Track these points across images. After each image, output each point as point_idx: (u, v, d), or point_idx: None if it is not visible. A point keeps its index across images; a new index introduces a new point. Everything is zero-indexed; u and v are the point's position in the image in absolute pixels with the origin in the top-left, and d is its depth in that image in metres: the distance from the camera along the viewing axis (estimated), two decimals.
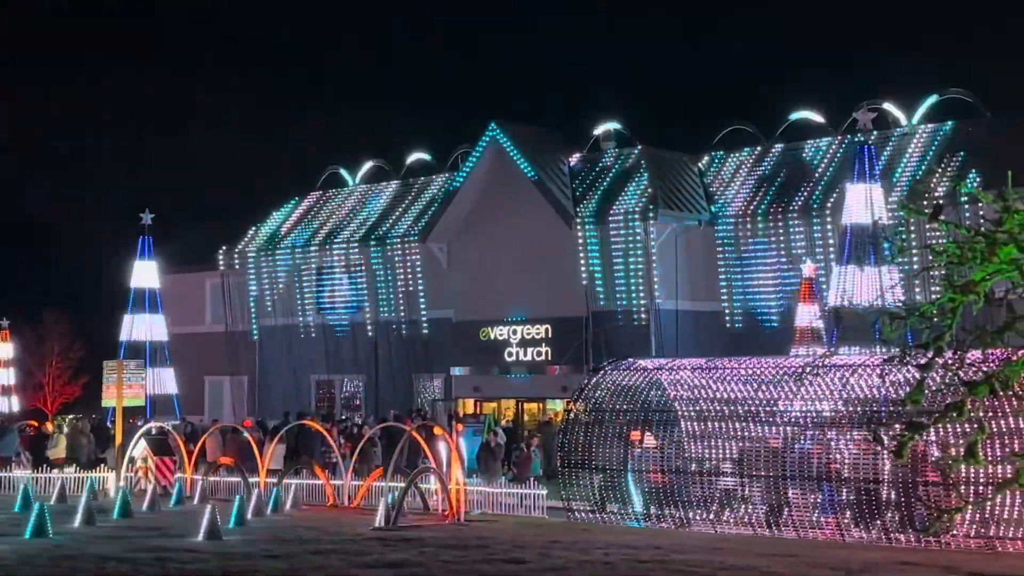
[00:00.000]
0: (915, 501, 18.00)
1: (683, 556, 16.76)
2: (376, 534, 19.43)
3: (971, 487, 17.21)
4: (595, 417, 22.65)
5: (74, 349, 54.58)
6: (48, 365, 54.40)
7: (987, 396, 12.02)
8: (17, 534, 18.38)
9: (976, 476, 17.25)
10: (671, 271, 33.14)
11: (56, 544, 17.76)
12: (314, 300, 39.48)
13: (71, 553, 16.78)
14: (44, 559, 16.14)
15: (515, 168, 35.04)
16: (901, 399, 14.28)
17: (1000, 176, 12.63)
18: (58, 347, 54.73)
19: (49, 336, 54.49)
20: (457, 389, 36.64)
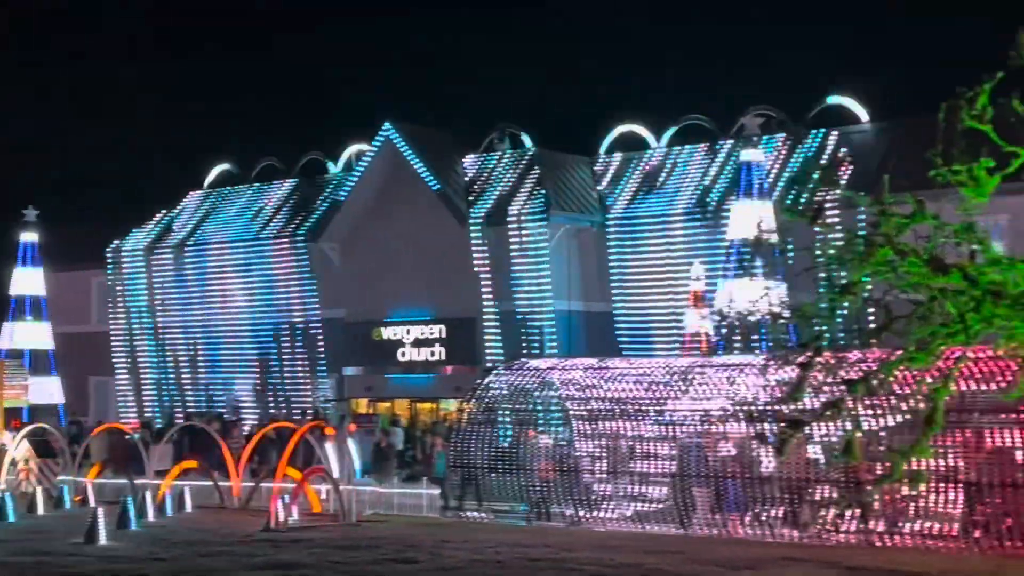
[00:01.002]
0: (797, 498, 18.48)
1: (573, 554, 16.93)
2: (266, 535, 19.25)
3: (851, 484, 17.73)
4: (487, 417, 22.75)
5: None
6: None
7: (864, 394, 12.41)
8: None
9: (856, 473, 17.77)
10: (564, 272, 33.40)
11: None
12: (203, 299, 38.91)
13: None
14: None
15: (409, 168, 34.98)
16: (781, 398, 14.66)
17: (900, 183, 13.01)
18: None
19: None
20: (350, 389, 36.45)
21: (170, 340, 39.53)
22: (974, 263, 11.80)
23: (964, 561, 16.31)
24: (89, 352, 40.35)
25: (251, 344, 37.88)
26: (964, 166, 12.11)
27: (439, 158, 35.62)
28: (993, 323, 11.63)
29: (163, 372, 39.59)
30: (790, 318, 11.75)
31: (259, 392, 37.58)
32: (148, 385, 39.88)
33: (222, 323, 38.47)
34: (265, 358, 37.56)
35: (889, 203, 12.15)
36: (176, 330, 39.39)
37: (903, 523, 17.86)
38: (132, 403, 39.98)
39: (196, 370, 38.90)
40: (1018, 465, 17.06)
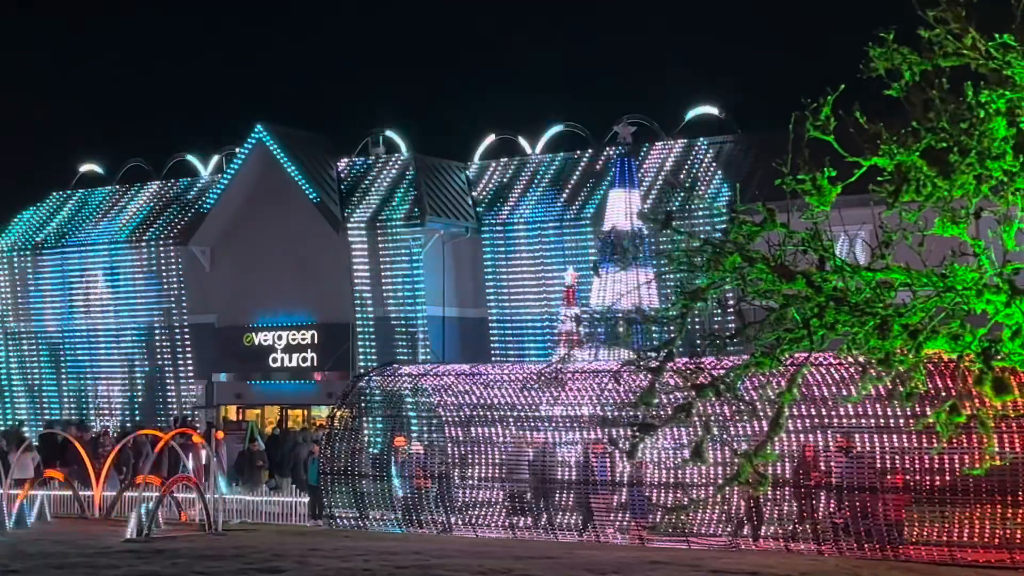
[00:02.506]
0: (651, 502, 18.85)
1: (443, 560, 16.86)
2: (127, 546, 18.76)
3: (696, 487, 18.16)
4: (358, 423, 22.59)
5: None
6: None
7: (712, 399, 12.66)
8: None
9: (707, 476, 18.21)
10: (438, 277, 33.32)
11: None
12: (66, 303, 37.78)
13: None
14: None
15: (282, 171, 34.50)
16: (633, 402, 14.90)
17: (750, 192, 13.29)
18: None
19: None
20: (219, 396, 35.78)
21: (30, 345, 38.29)
22: (820, 271, 12.13)
23: (824, 563, 16.71)
24: None
25: (117, 349, 36.93)
26: (808, 175, 12.46)
27: (312, 161, 35.22)
28: (836, 329, 11.95)
29: (23, 378, 38.34)
30: (642, 321, 11.92)
31: (126, 399, 36.64)
32: (10, 391, 38.57)
33: (86, 327, 37.42)
34: (131, 363, 36.66)
35: (740, 211, 12.42)
36: (40, 335, 38.18)
37: (766, 527, 18.30)
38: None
39: (58, 376, 37.75)
40: (876, 469, 17.59)
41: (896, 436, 17.45)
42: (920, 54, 12.57)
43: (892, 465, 17.60)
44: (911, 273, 12.20)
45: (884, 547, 17.02)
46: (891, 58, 12.53)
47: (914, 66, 12.50)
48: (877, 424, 17.63)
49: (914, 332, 11.58)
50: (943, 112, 12.33)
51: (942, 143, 12.23)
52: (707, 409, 15.21)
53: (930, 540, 16.97)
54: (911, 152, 12.27)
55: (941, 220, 12.56)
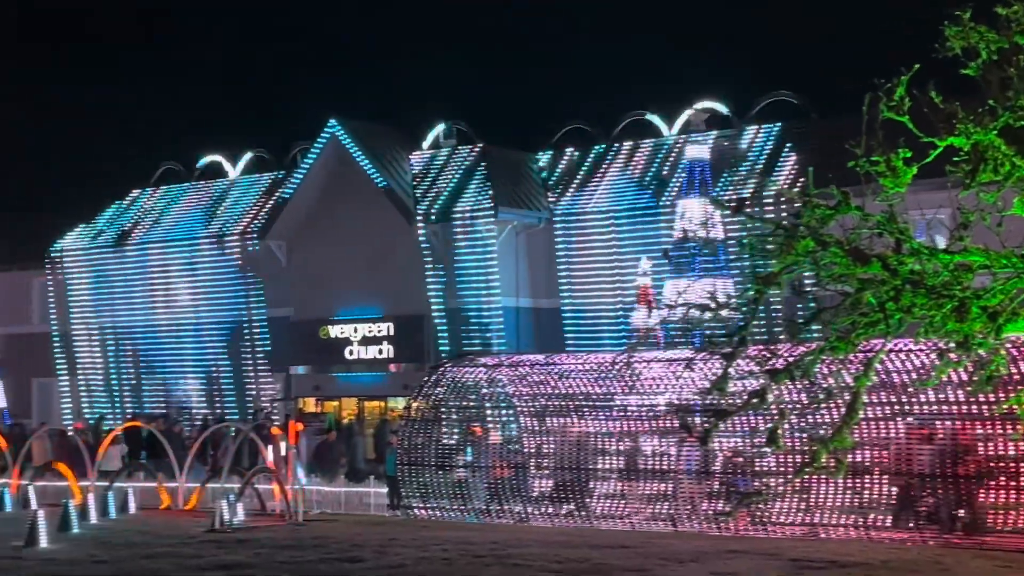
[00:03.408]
0: None
1: (520, 550, 16.93)
2: (210, 536, 19.08)
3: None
4: (435, 414, 22.72)
5: None
6: None
7: (787, 384, 12.55)
8: None
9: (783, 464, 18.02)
10: (511, 268, 33.41)
11: None
12: (147, 299, 38.46)
13: None
14: None
15: (355, 165, 34.81)
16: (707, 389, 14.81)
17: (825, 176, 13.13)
18: None
19: None
20: (297, 388, 36.22)
21: (113, 340, 39.06)
22: (896, 254, 11.96)
23: (906, 552, 16.50)
24: (31, 353, 39.79)
25: (197, 344, 37.53)
26: (882, 157, 12.28)
27: (385, 155, 35.47)
28: (913, 312, 11.78)
29: (107, 373, 39.13)
30: (716, 308, 11.82)
31: (206, 392, 37.25)
32: (91, 386, 39.40)
33: (167, 323, 38.08)
34: (211, 358, 37.24)
35: (813, 195, 12.28)
36: (120, 330, 38.94)
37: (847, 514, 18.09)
38: (75, 404, 39.48)
39: (141, 370, 38.48)
40: (955, 457, 17.30)
41: (979, 423, 17.16)
42: (997, 32, 12.35)
43: (974, 452, 17.29)
44: (990, 254, 11.99)
45: (967, 535, 16.77)
46: (967, 36, 12.32)
47: (991, 44, 12.28)
48: (959, 411, 17.34)
49: (993, 314, 11.39)
50: (1021, 90, 12.09)
51: (1020, 121, 12.00)
52: (784, 395, 15.06)
53: (1016, 528, 16.67)
54: (988, 131, 12.06)
55: (1020, 200, 12.33)
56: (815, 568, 15.10)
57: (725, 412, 12.62)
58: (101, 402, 39.00)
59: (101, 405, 38.77)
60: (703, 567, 15.36)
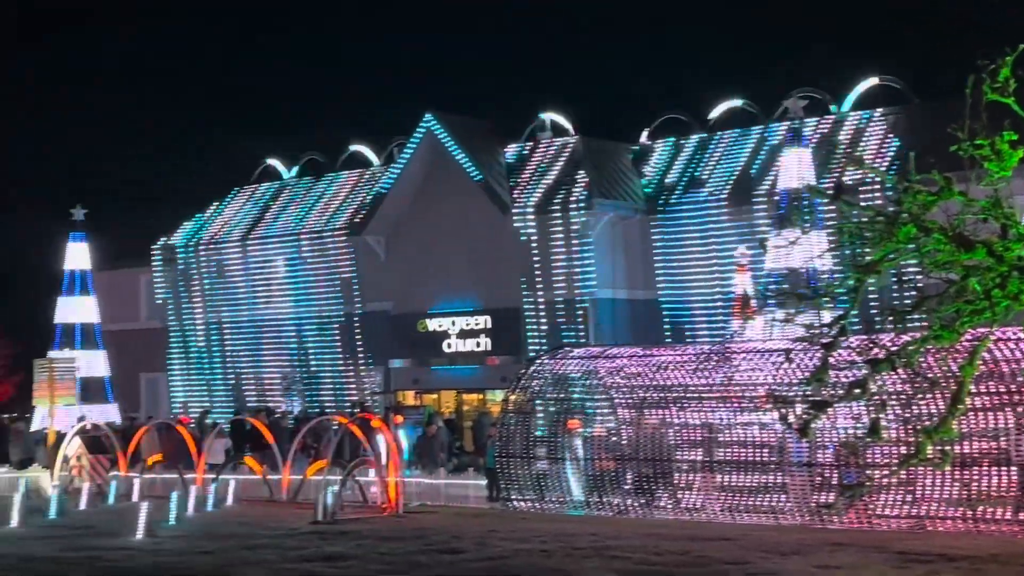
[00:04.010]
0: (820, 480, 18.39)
1: (619, 542, 16.84)
2: (313, 528, 19.32)
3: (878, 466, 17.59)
4: (532, 407, 22.71)
5: (4, 346, 53.63)
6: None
7: (888, 374, 12.25)
8: None
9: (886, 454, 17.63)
10: (607, 260, 33.28)
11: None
12: (250, 294, 39.12)
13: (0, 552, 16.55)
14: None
15: (451, 159, 34.98)
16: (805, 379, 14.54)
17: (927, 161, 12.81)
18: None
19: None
20: (396, 382, 36.53)
21: (218, 335, 39.81)
22: (1002, 239, 11.59)
23: (1015, 544, 16.06)
24: (139, 348, 40.73)
25: (298, 338, 38.06)
26: (987, 140, 11.90)
27: (481, 148, 35.59)
28: (1020, 300, 11.41)
29: (212, 367, 39.89)
30: (814, 297, 11.58)
31: (307, 385, 37.76)
32: (197, 380, 40.21)
33: (269, 317, 38.68)
34: (312, 352, 37.74)
35: (914, 180, 11.94)
36: (224, 325, 39.67)
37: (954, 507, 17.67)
38: (182, 398, 40.33)
39: (244, 364, 39.15)
40: None
41: None
42: None
43: None
44: None
45: None
46: None
47: None
48: None
49: None
50: None
51: None
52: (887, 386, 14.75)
53: None
54: None
55: None
56: (922, 562, 14.76)
57: (825, 403, 12.38)
58: (206, 396, 39.78)
59: (206, 399, 39.54)
60: (806, 560, 15.10)
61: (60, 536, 18.58)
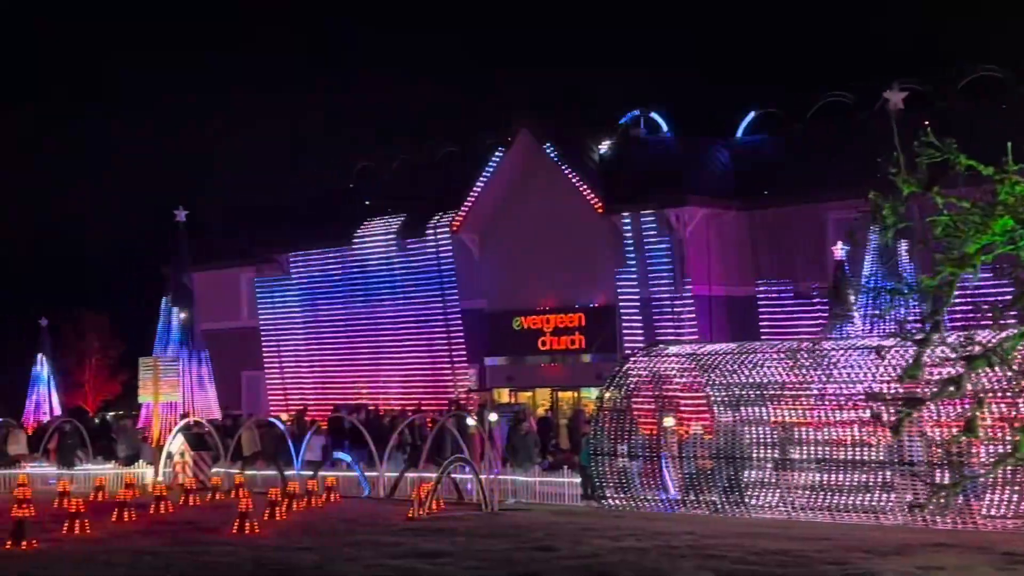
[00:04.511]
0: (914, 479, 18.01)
1: (716, 541, 16.72)
2: (409, 524, 19.52)
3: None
4: (627, 404, 22.64)
5: (113, 346, 55.12)
6: (87, 363, 54.96)
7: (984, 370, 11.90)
8: (54, 529, 18.59)
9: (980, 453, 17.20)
10: (703, 256, 33.01)
11: (91, 538, 17.96)
12: (347, 294, 39.51)
13: (107, 547, 16.98)
14: (78, 553, 16.34)
15: (546, 156, 34.99)
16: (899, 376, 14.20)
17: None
18: (97, 344, 55.27)
19: (88, 334, 55.04)
20: (491, 379, 36.68)
21: (316, 334, 40.35)
22: None
23: None
24: (240, 347, 41.46)
25: (394, 336, 38.40)
26: None
27: (576, 145, 35.52)
28: None
29: (310, 365, 40.45)
30: (907, 292, 11.29)
31: (403, 383, 38.08)
32: (295, 378, 40.81)
33: (365, 316, 39.10)
34: (408, 349, 38.05)
35: (1012, 171, 11.58)
36: (322, 324, 40.20)
37: None
38: (282, 396, 40.97)
39: (341, 363, 39.62)
40: None
41: None
42: None
43: None
44: None
45: None
46: None
47: None
48: None
49: None
50: None
51: None
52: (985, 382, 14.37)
53: None
54: None
55: None
56: None
57: (918, 400, 12.10)
58: (305, 394, 40.36)
59: (305, 397, 40.11)
60: (907, 561, 14.84)
61: (164, 531, 19.01)
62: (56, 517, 19.63)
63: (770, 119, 35.58)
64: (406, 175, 41.60)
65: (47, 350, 44.35)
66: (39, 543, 17.05)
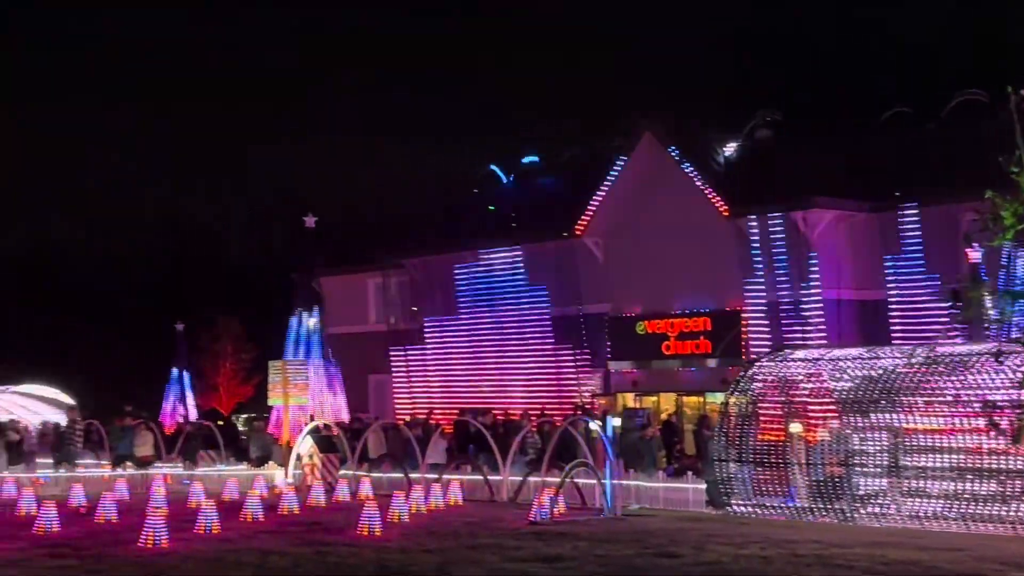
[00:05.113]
0: None
1: (843, 550, 16.37)
2: (532, 529, 19.54)
3: None
4: (752, 410, 22.32)
5: (247, 350, 56.45)
6: (222, 366, 56.41)
7: None
8: (184, 529, 19.09)
9: None
10: (832, 259, 32.36)
11: (221, 538, 18.40)
12: (472, 298, 39.77)
13: (236, 547, 17.38)
14: (209, 553, 16.74)
15: (669, 158, 34.73)
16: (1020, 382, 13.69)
17: None
18: (231, 348, 56.67)
19: (223, 338, 56.49)
20: (616, 384, 36.53)
21: (441, 338, 40.68)
22: None
23: None
24: (367, 350, 42.03)
25: (520, 340, 38.50)
26: None
27: (700, 147, 35.19)
28: None
29: (437, 369, 40.80)
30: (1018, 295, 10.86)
31: (528, 387, 38.15)
32: (421, 382, 41.20)
33: (490, 320, 39.28)
34: (533, 354, 38.11)
35: None
36: (447, 328, 40.51)
37: None
38: (408, 400, 41.41)
39: (467, 367, 39.87)
40: None
41: None
42: None
43: None
44: None
45: None
46: None
47: None
48: None
49: None
50: None
51: None
52: None
53: None
54: None
55: None
56: None
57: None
58: (431, 398, 40.74)
59: (431, 400, 40.49)
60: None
61: (292, 531, 19.39)
62: (189, 517, 20.15)
63: (902, 118, 34.70)
64: (530, 180, 41.69)
65: (183, 354, 45.74)
66: (171, 543, 17.51)
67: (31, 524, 19.63)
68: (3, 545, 17.57)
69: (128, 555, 16.57)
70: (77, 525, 20.19)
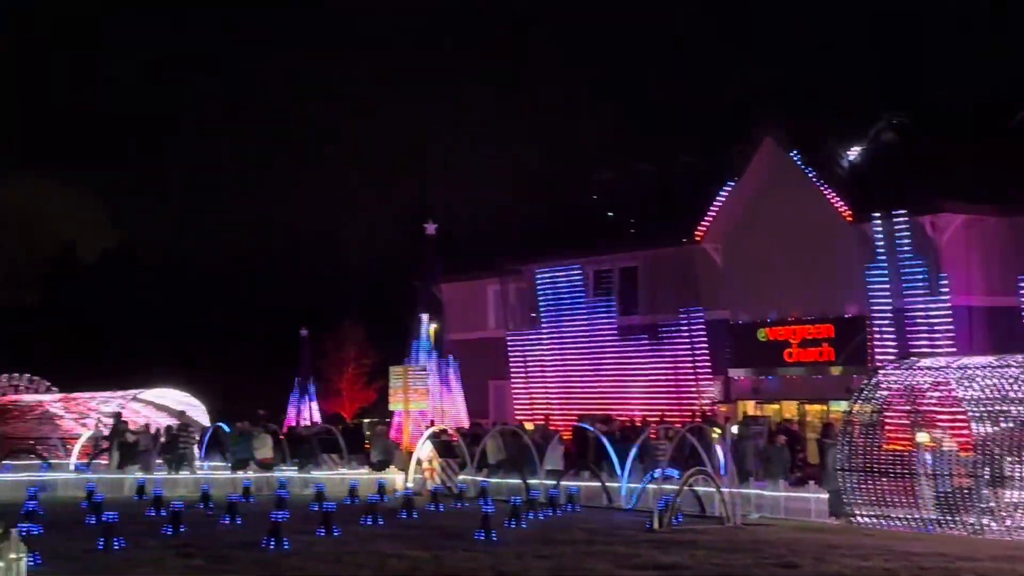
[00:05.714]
0: None
1: (971, 564, 15.90)
2: (648, 536, 19.40)
3: None
4: (877, 419, 21.82)
5: (369, 355, 57.27)
6: (345, 371, 57.31)
7: None
8: (306, 531, 19.41)
9: None
10: (962, 264, 31.43)
11: (341, 540, 18.67)
12: (585, 301, 39.63)
13: (355, 549, 17.61)
14: (328, 555, 17.00)
15: (791, 162, 34.16)
16: None
17: None
18: (354, 353, 57.55)
19: (345, 343, 57.40)
20: (736, 391, 36.05)
21: (559, 344, 40.64)
22: None
23: None
24: (487, 356, 42.23)
25: (637, 346, 38.27)
26: None
27: (822, 151, 34.54)
28: None
29: (555, 375, 40.79)
30: None
31: (645, 395, 37.89)
32: (540, 388, 41.24)
33: (606, 326, 39.13)
34: (651, 360, 37.84)
35: None
36: (564, 334, 40.46)
37: None
38: (527, 405, 41.47)
39: (585, 373, 39.77)
40: None
41: None
42: None
43: None
44: None
45: None
46: None
47: None
48: None
49: None
50: None
51: None
52: None
53: None
54: None
55: None
56: None
57: None
58: (550, 403, 40.74)
59: (549, 406, 40.50)
60: None
61: (410, 536, 19.56)
62: (311, 519, 20.48)
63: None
64: (648, 186, 41.43)
65: (307, 359, 46.61)
66: (293, 544, 17.82)
67: (159, 525, 20.16)
68: (134, 544, 18.08)
69: (252, 556, 16.91)
70: (202, 526, 20.68)
